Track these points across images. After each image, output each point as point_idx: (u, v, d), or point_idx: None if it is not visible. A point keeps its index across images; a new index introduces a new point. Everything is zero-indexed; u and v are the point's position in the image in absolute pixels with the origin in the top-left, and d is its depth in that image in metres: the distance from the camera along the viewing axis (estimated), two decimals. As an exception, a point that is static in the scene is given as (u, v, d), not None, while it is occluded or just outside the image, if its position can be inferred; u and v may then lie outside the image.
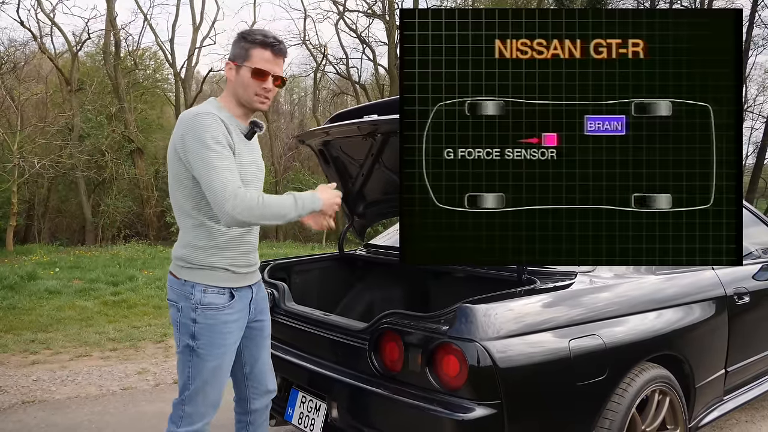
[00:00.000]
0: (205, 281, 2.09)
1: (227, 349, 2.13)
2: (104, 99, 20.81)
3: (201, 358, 2.09)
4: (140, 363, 4.99)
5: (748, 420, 3.76)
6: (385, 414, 2.24)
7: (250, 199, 1.93)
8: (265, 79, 2.09)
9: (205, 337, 2.08)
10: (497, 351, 2.00)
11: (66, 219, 22.04)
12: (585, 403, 2.26)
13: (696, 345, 2.76)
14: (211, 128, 1.97)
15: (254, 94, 2.10)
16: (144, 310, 7.10)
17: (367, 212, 3.58)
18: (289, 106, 31.42)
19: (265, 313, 2.36)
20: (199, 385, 2.11)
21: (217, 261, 2.10)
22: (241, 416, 2.39)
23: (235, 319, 2.14)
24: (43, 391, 4.22)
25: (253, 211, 1.93)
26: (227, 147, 2.00)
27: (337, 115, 3.19)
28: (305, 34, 25.04)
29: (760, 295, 3.24)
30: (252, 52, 2.09)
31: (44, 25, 21.32)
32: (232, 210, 1.91)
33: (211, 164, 1.94)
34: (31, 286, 8.24)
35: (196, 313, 2.08)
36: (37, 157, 16.95)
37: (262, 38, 2.09)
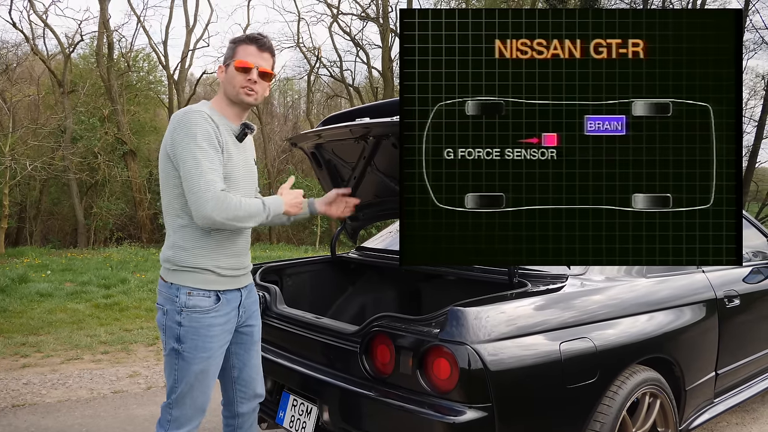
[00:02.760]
0: (190, 284, 2.09)
1: (213, 353, 2.12)
2: (97, 101, 20.70)
3: (186, 361, 2.09)
4: (132, 366, 4.97)
5: (738, 422, 3.78)
6: (376, 417, 2.23)
7: (230, 203, 1.97)
8: (249, 71, 2.12)
9: (190, 341, 2.08)
10: (488, 354, 2.01)
11: (58, 221, 21.91)
12: (576, 406, 2.26)
13: (686, 348, 2.77)
14: (200, 125, 2.00)
15: (240, 86, 2.13)
16: (136, 313, 7.07)
17: (359, 215, 3.57)
18: (283, 108, 31.39)
19: (256, 317, 2.35)
20: (185, 388, 2.10)
21: (202, 262, 2.09)
22: (229, 420, 2.39)
23: (221, 322, 2.13)
24: (33, 395, 4.19)
25: (230, 213, 1.97)
26: (215, 146, 2.02)
27: (330, 118, 3.19)
28: (299, 37, 25.03)
29: (750, 298, 3.26)
30: (237, 50, 2.15)
31: (37, 27, 21.24)
32: (212, 211, 1.94)
33: (197, 162, 1.96)
34: (22, 288, 8.19)
35: (181, 316, 2.08)
36: (29, 159, 16.85)
37: (246, 35, 2.17)
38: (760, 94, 16.51)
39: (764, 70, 17.02)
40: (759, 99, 16.61)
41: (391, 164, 3.07)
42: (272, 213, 2.13)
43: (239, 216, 2.01)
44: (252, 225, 2.09)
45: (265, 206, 2.10)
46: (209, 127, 2.02)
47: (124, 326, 6.41)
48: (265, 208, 2.10)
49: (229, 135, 2.13)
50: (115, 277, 9.49)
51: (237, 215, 2.00)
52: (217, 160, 2.01)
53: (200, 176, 1.96)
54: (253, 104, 2.18)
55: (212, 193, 1.95)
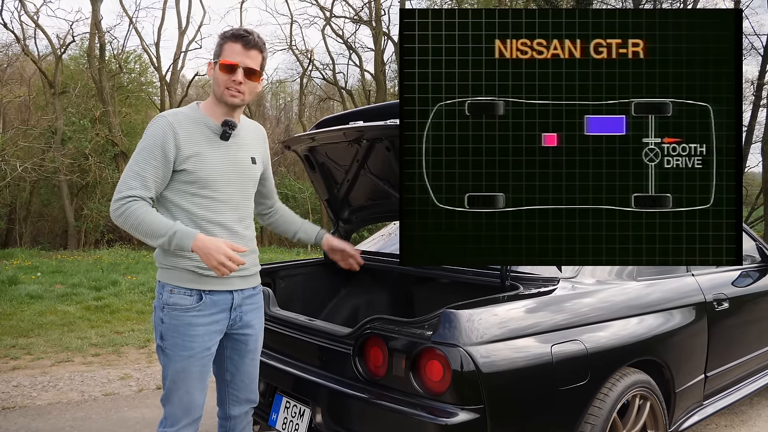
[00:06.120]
0: (173, 281, 2.11)
1: (194, 352, 2.09)
2: (88, 102, 20.58)
3: (169, 358, 2.11)
4: (123, 368, 4.95)
5: (727, 425, 3.81)
6: (369, 419, 2.24)
7: (131, 214, 1.98)
8: (234, 71, 2.08)
9: (170, 338, 2.09)
10: (480, 356, 2.02)
11: (48, 223, 21.75)
12: (566, 408, 2.28)
13: (676, 350, 2.79)
14: (152, 130, 2.07)
15: (224, 87, 2.10)
16: (127, 315, 7.04)
17: (352, 218, 3.59)
18: (275, 111, 31.35)
19: (253, 327, 2.29)
20: (170, 386, 2.12)
21: (181, 261, 2.09)
22: (223, 421, 2.38)
23: (204, 322, 2.11)
24: (24, 397, 4.17)
25: (127, 223, 1.99)
26: (159, 154, 2.03)
27: (323, 121, 3.20)
28: (292, 40, 25.02)
29: (739, 301, 3.29)
30: (224, 47, 2.11)
31: (28, 27, 20.96)
32: (113, 213, 2.02)
33: (130, 165, 2.05)
34: (11, 290, 8.13)
35: (164, 312, 2.11)
36: (19, 160, 16.73)
37: (233, 32, 2.11)
38: (750, 99, 16.61)
39: (753, 75, 17.09)
40: (748, 104, 16.71)
41: (384, 167, 3.08)
42: (174, 245, 1.99)
43: (138, 231, 1.99)
44: (154, 245, 2.03)
45: (172, 237, 1.97)
46: (162, 133, 2.04)
47: (115, 328, 6.38)
48: (169, 238, 1.97)
49: (204, 137, 2.11)
50: (106, 279, 9.44)
51: (137, 229, 1.99)
52: (153, 167, 2.03)
53: (124, 177, 2.04)
54: (239, 105, 2.14)
55: (120, 195, 2.01)
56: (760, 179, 17.29)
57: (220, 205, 2.13)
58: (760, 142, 16.77)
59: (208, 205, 2.11)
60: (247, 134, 2.27)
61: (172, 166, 2.07)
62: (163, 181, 2.08)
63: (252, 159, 2.25)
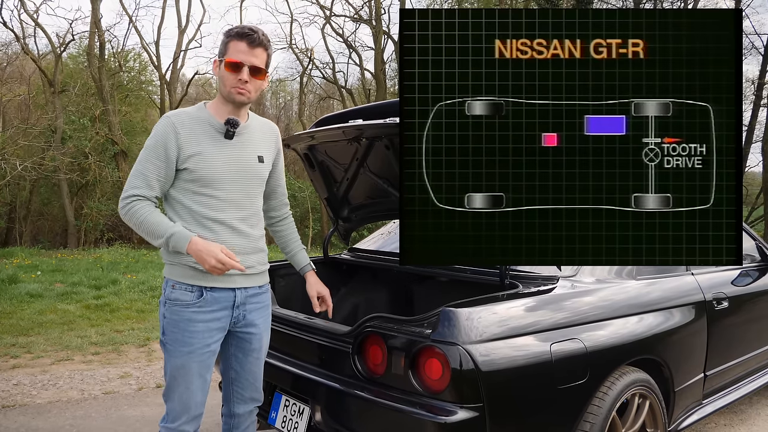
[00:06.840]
0: (175, 277, 2.13)
1: (194, 348, 2.09)
2: (88, 101, 20.57)
3: (169, 353, 2.12)
4: (123, 367, 4.95)
5: (726, 423, 3.81)
6: (368, 417, 2.24)
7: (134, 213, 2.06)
8: (240, 70, 2.09)
9: (171, 333, 2.11)
10: (479, 354, 2.02)
11: (48, 222, 21.75)
12: (566, 406, 2.28)
13: (675, 349, 2.80)
14: (157, 130, 2.12)
15: (231, 86, 2.11)
16: (127, 314, 7.04)
17: (351, 216, 3.59)
18: (275, 110, 31.34)
19: (257, 326, 2.28)
20: (171, 381, 2.13)
21: (183, 258, 2.09)
22: (227, 418, 2.38)
23: (205, 319, 2.11)
24: (24, 396, 4.17)
25: (131, 221, 2.08)
26: (162, 153, 2.08)
27: (323, 120, 3.20)
28: (292, 38, 25.00)
29: (739, 300, 3.30)
30: (229, 46, 2.12)
31: (27, 26, 20.96)
32: (120, 210, 2.10)
33: (136, 164, 2.12)
34: (11, 289, 8.13)
35: (165, 307, 2.13)
36: (19, 159, 16.73)
37: (238, 30, 2.12)
38: (750, 99, 16.60)
39: (754, 74, 17.08)
40: (748, 104, 16.70)
41: (384, 166, 3.08)
42: (171, 247, 2.05)
43: (140, 230, 2.08)
44: (155, 245, 2.11)
45: (169, 239, 2.03)
46: (164, 133, 2.09)
47: (115, 327, 6.38)
48: (166, 240, 2.03)
49: (207, 135, 2.12)
50: (106, 278, 9.45)
51: (139, 228, 2.08)
52: (156, 166, 2.08)
53: (129, 177, 2.11)
54: (246, 103, 2.16)
55: (125, 194, 2.09)
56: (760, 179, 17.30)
57: (223, 203, 2.13)
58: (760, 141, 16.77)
59: (210, 203, 2.12)
60: (256, 132, 2.26)
61: (175, 165, 2.10)
62: (167, 179, 2.11)
63: (259, 158, 2.24)
